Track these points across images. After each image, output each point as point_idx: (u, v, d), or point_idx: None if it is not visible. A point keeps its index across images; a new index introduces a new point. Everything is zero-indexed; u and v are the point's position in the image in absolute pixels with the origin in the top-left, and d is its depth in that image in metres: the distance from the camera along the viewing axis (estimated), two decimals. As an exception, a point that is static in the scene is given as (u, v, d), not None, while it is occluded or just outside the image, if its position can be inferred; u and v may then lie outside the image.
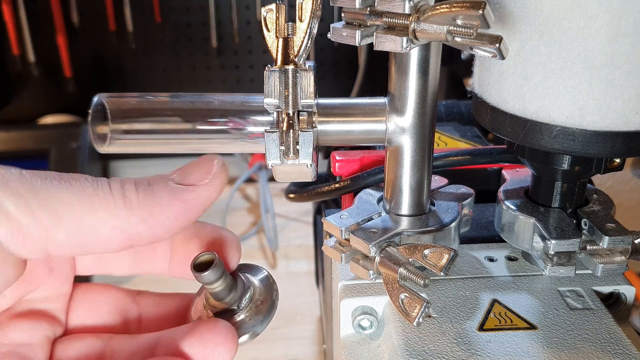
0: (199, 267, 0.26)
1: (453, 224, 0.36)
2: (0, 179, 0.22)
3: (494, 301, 0.34)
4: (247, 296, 0.29)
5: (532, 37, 0.30)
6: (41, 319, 0.27)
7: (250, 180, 0.94)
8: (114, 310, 0.29)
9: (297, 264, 0.76)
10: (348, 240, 0.34)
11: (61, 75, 0.95)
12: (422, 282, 0.30)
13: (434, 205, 0.37)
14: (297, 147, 0.32)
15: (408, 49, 0.28)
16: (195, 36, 0.97)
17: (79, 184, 0.23)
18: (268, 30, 0.31)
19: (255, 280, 0.29)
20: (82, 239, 0.23)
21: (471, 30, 0.26)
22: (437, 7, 0.26)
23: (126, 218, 0.23)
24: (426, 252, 0.31)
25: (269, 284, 0.30)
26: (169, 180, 0.25)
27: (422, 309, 0.30)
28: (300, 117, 0.33)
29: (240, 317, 0.28)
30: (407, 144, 0.34)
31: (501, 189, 0.39)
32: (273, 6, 0.31)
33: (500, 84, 0.33)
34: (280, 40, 0.31)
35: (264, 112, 0.33)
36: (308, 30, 0.31)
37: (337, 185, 0.43)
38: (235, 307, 0.28)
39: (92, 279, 0.59)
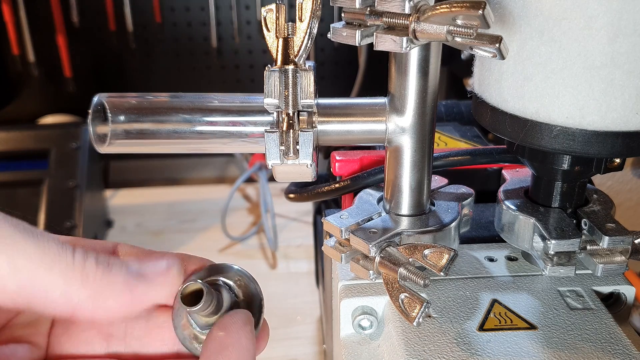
0: (188, 298, 0.25)
1: (453, 224, 0.36)
2: None
3: (494, 301, 0.34)
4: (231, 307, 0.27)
5: (532, 37, 0.30)
6: (21, 343, 0.27)
7: (250, 180, 0.94)
8: (97, 335, 0.28)
9: (297, 264, 0.76)
10: (348, 240, 0.34)
11: (61, 75, 0.95)
12: (422, 282, 0.30)
13: (434, 205, 0.37)
14: (297, 147, 0.32)
15: (408, 49, 0.28)
16: (195, 36, 0.97)
17: (46, 241, 0.23)
18: (268, 30, 0.31)
19: (235, 283, 0.28)
20: (30, 295, 0.23)
21: (471, 30, 0.26)
22: (437, 7, 0.26)
23: (77, 289, 0.24)
24: (426, 252, 0.31)
25: (248, 282, 0.28)
26: (127, 265, 0.25)
27: (422, 309, 0.30)
28: (300, 117, 0.33)
29: None
30: (407, 144, 0.34)
31: (501, 189, 0.39)
32: (273, 6, 0.31)
33: (500, 84, 0.33)
34: (280, 40, 0.31)
35: (264, 112, 0.33)
36: (308, 30, 0.31)
37: (337, 185, 0.43)
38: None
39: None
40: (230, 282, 0.28)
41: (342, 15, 0.30)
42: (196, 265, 0.29)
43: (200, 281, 0.25)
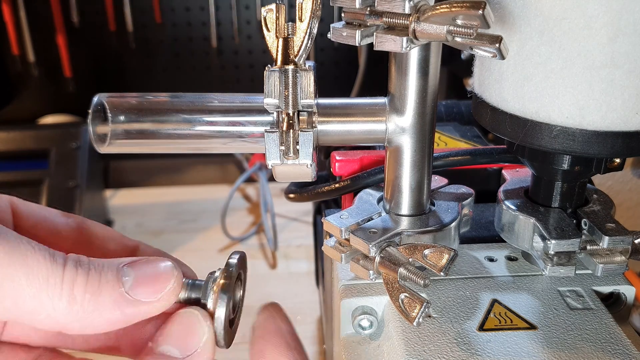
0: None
1: (453, 224, 0.36)
2: None
3: (494, 301, 0.34)
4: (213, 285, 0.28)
5: (532, 37, 0.30)
6: None
7: (250, 180, 0.94)
8: None
9: (297, 264, 0.76)
10: (348, 240, 0.34)
11: (61, 75, 0.95)
12: (422, 282, 0.30)
13: (434, 205, 0.37)
14: (297, 147, 0.32)
15: (408, 49, 0.28)
16: (195, 36, 0.97)
17: (35, 261, 0.23)
18: (268, 30, 0.31)
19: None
20: (16, 317, 0.24)
21: (471, 30, 0.26)
22: (437, 7, 0.26)
23: (64, 314, 0.24)
24: (426, 252, 0.31)
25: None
26: (120, 282, 0.25)
27: (422, 309, 0.30)
28: (300, 117, 0.33)
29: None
30: (407, 144, 0.34)
31: (501, 189, 0.39)
32: (273, 6, 0.31)
33: (500, 84, 0.33)
34: (280, 40, 0.31)
35: (264, 112, 0.33)
36: (308, 30, 0.31)
37: (337, 185, 0.43)
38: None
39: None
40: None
41: (342, 15, 0.30)
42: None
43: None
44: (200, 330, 0.26)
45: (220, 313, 0.26)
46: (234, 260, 0.28)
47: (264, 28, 0.31)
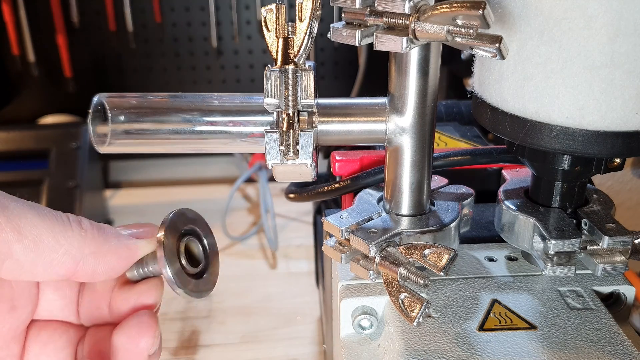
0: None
1: (453, 224, 0.36)
2: None
3: (494, 301, 0.34)
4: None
5: (532, 37, 0.30)
6: None
7: (250, 180, 0.94)
8: (67, 346, 0.30)
9: (297, 264, 0.76)
10: (348, 240, 0.34)
11: (61, 75, 0.95)
12: (422, 282, 0.30)
13: (434, 205, 0.37)
14: (297, 147, 0.32)
15: (408, 49, 0.28)
16: (195, 36, 0.97)
17: (42, 209, 0.26)
18: (268, 30, 0.31)
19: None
20: (35, 258, 0.25)
21: (471, 30, 0.26)
22: (437, 7, 0.26)
23: (79, 246, 0.26)
24: (426, 252, 0.31)
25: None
26: (115, 228, 0.28)
27: (422, 309, 0.30)
28: (300, 117, 0.33)
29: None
30: (407, 144, 0.34)
31: (501, 189, 0.39)
32: (273, 6, 0.31)
33: (500, 84, 0.33)
34: (280, 40, 0.31)
35: (264, 112, 0.33)
36: (308, 30, 0.31)
37: (337, 185, 0.43)
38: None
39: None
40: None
41: (342, 15, 0.30)
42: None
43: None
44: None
45: (164, 270, 0.28)
46: (167, 218, 0.30)
47: (264, 28, 0.31)
